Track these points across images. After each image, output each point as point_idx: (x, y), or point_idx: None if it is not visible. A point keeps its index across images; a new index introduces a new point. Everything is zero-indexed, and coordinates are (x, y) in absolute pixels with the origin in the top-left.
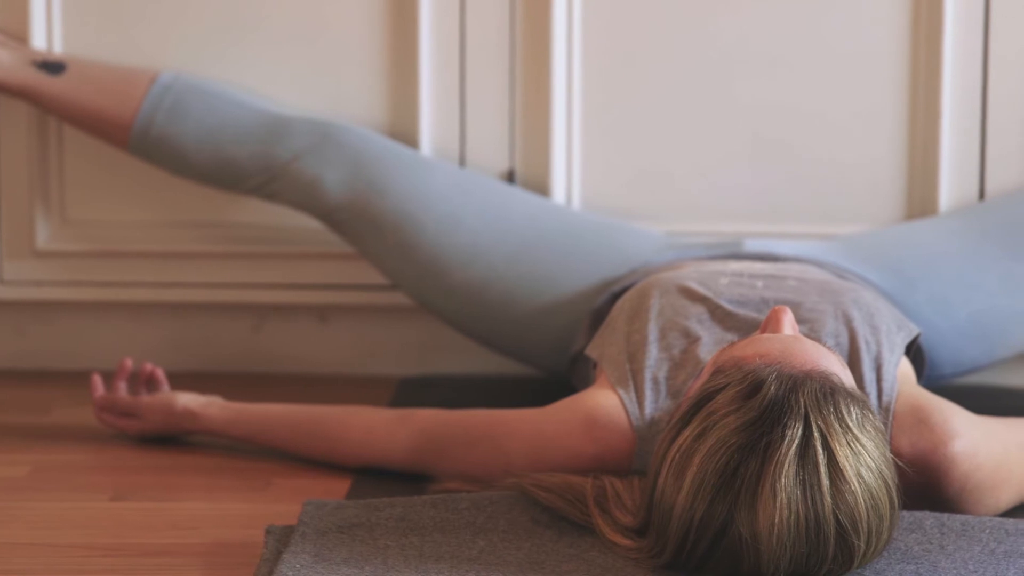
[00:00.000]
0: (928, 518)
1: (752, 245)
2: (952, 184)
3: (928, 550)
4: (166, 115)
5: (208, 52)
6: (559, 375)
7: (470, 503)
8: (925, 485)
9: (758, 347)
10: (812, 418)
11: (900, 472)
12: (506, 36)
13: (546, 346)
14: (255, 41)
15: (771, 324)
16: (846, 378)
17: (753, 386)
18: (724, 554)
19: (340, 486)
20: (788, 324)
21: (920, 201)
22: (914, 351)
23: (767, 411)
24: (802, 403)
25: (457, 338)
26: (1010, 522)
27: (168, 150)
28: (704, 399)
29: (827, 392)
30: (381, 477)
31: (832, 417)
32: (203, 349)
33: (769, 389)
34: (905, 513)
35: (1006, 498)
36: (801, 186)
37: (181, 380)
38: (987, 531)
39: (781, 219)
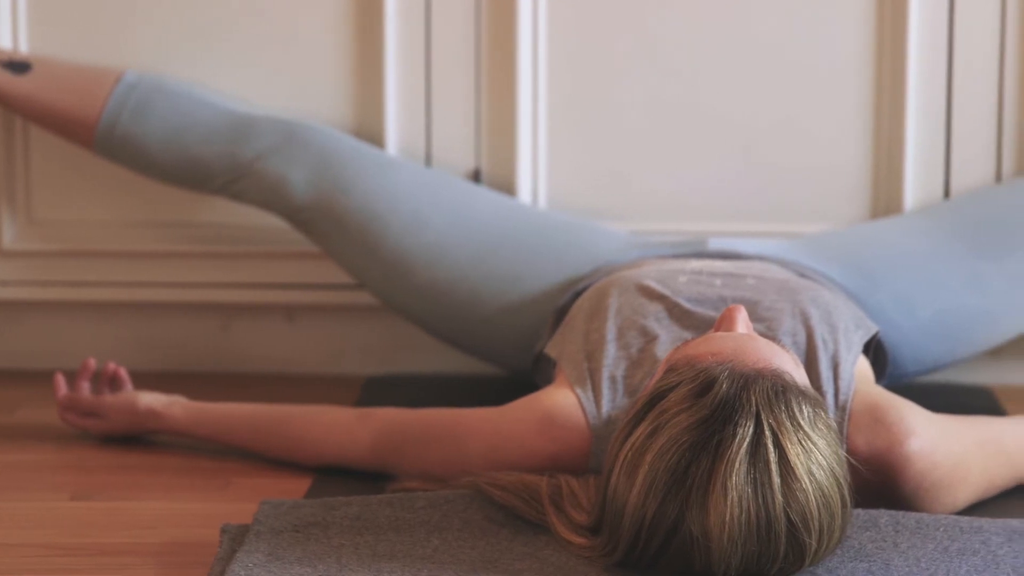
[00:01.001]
0: (883, 516)
1: (716, 244)
2: (917, 183)
3: (882, 548)
4: (131, 115)
5: (174, 51)
6: (525, 374)
7: (426, 502)
8: (882, 483)
9: (711, 345)
10: (763, 416)
11: (857, 470)
12: (472, 36)
13: (511, 345)
14: (221, 41)
15: (725, 322)
16: (799, 376)
17: (705, 384)
18: (676, 552)
19: (301, 485)
20: (742, 322)
21: (885, 200)
22: (876, 349)
23: (718, 409)
24: (753, 401)
25: (424, 337)
26: (965, 520)
27: (133, 150)
28: (656, 397)
29: (779, 390)
30: (342, 476)
31: (783, 415)
32: (171, 349)
33: (721, 387)
34: (860, 511)
35: (964, 496)
36: (767, 185)
37: (149, 380)
38: (942, 529)
39: (747, 218)
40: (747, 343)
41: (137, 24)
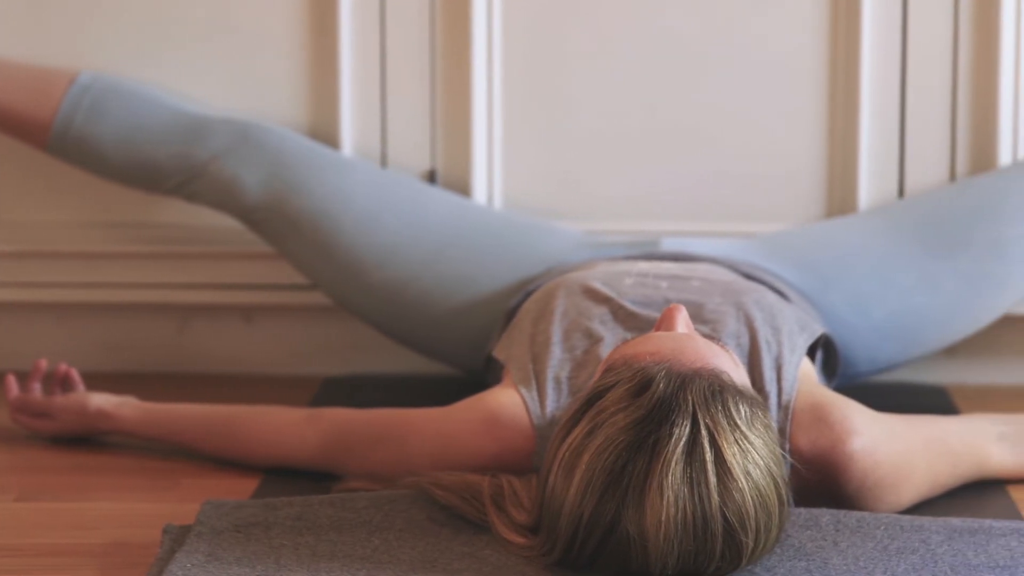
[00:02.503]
0: (825, 515)
1: (669, 244)
2: (872, 183)
3: (822, 547)
4: (85, 116)
5: (129, 53)
6: (480, 375)
7: (368, 502)
8: (825, 483)
9: (649, 345)
10: (700, 416)
11: (800, 470)
12: (426, 37)
13: (464, 346)
14: (176, 42)
15: (665, 322)
16: (737, 376)
17: (642, 384)
18: (613, 552)
19: (249, 486)
20: (682, 322)
21: (840, 199)
22: (827, 350)
23: (655, 409)
24: (690, 401)
25: (382, 338)
26: (906, 519)
27: (87, 151)
28: (594, 397)
29: (716, 390)
30: (289, 477)
31: (720, 415)
32: (128, 349)
33: (658, 387)
34: (802, 510)
35: (908, 495)
36: (722, 185)
37: (106, 381)
38: (882, 528)
39: (701, 218)
40: (686, 343)
41: (91, 25)
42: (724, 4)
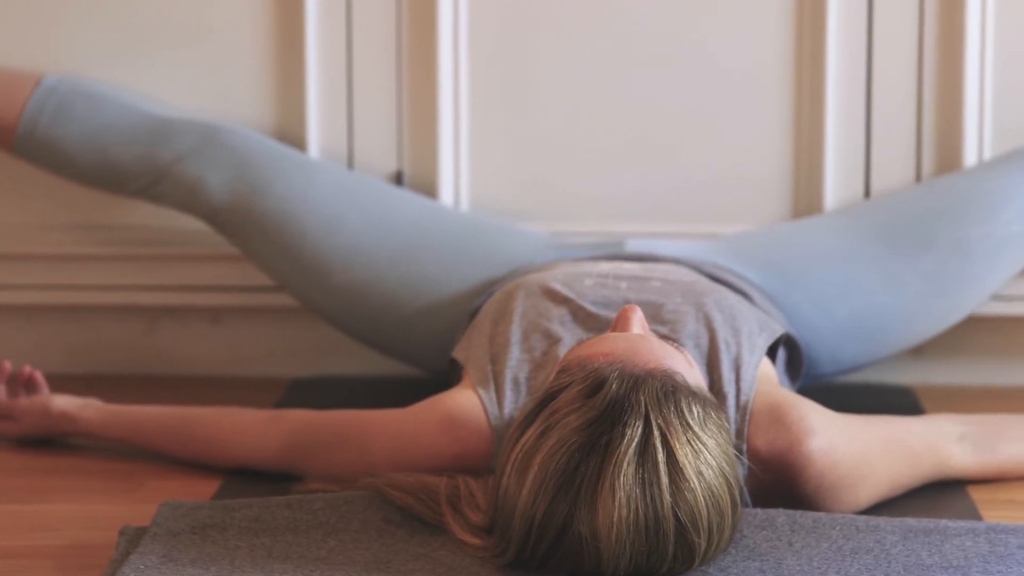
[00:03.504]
0: (780, 515)
1: (634, 245)
2: (838, 183)
3: (776, 547)
4: (50, 118)
5: (95, 54)
6: (445, 376)
7: (325, 503)
8: (783, 483)
9: (603, 346)
10: (652, 416)
11: (759, 470)
12: (393, 37)
13: (429, 347)
14: (142, 44)
15: (620, 323)
16: (691, 377)
17: (595, 385)
18: (565, 553)
19: (211, 487)
20: (637, 323)
21: (806, 201)
22: (791, 350)
23: (608, 410)
24: (643, 402)
25: (350, 340)
26: (862, 519)
27: (53, 153)
28: (547, 398)
29: (668, 391)
30: (251, 478)
31: (672, 415)
32: (96, 351)
33: (610, 388)
34: (758, 510)
35: (866, 496)
36: (689, 186)
37: (75, 383)
38: (838, 528)
39: (668, 219)
40: (639, 344)
41: (59, 28)
42: (691, 8)
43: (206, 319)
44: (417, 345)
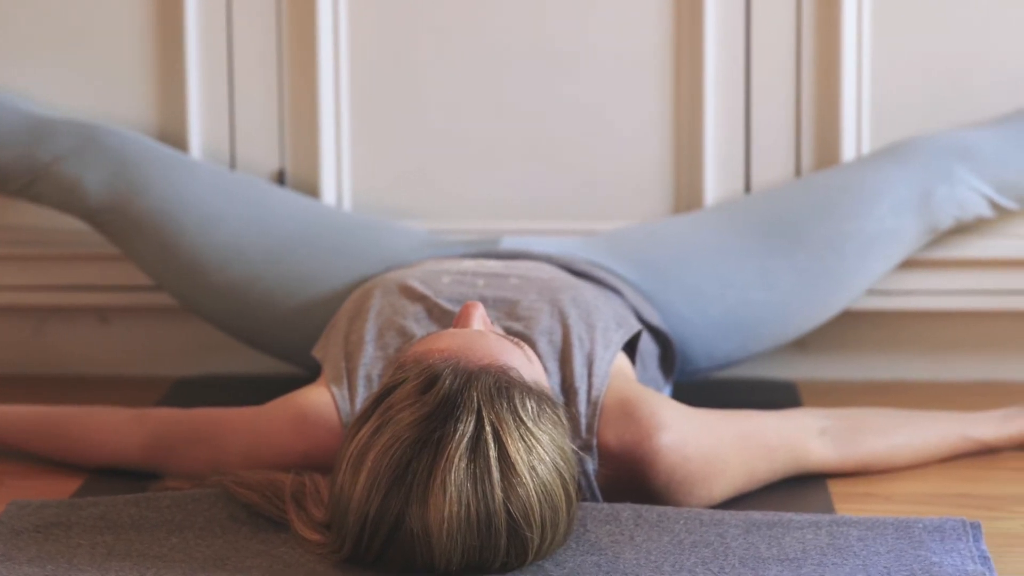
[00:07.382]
0: (626, 510)
1: (509, 243)
2: (718, 179)
3: (618, 541)
4: None
5: None
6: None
7: (172, 501)
8: (635, 478)
9: (439, 342)
10: (485, 412)
11: (610, 464)
12: (273, 37)
13: (306, 345)
14: (22, 44)
15: (461, 319)
16: (528, 373)
17: (428, 381)
18: (399, 548)
19: (72, 486)
20: (477, 319)
21: (687, 197)
22: (665, 346)
23: (441, 405)
24: (475, 397)
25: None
26: (707, 513)
27: None
28: (383, 395)
29: (502, 386)
30: (114, 477)
31: (505, 411)
32: None
33: (444, 384)
34: (604, 505)
35: (720, 490)
36: (569, 183)
37: None
38: (682, 522)
39: (549, 216)
40: (475, 340)
41: None
42: (569, 4)
43: (94, 319)
44: (295, 343)
